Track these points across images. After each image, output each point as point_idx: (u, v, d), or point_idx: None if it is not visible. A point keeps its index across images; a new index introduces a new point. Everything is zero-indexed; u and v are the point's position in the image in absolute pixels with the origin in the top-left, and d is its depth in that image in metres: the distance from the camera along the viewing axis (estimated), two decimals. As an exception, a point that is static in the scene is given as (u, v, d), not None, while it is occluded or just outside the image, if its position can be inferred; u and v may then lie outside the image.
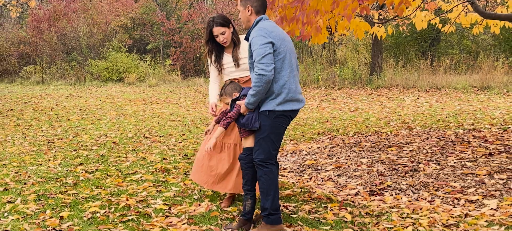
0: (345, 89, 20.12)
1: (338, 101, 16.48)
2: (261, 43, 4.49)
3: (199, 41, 27.68)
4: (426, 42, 26.31)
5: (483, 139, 8.63)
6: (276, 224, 4.72)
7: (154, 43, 29.43)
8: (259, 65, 4.44)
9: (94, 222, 5.20)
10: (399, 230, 4.69)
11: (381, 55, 22.66)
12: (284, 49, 4.61)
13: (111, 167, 7.69)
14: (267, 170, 4.70)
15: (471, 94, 16.86)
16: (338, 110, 14.03)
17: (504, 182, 6.00)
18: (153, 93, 20.33)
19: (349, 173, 6.85)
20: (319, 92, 19.69)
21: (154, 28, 29.84)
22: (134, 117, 13.34)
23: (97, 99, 18.25)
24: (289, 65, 4.62)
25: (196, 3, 30.62)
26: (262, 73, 4.43)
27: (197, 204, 5.69)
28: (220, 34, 5.30)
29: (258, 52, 4.47)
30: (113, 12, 30.66)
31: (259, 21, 4.73)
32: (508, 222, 4.77)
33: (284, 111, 4.63)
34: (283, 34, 4.72)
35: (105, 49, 28.18)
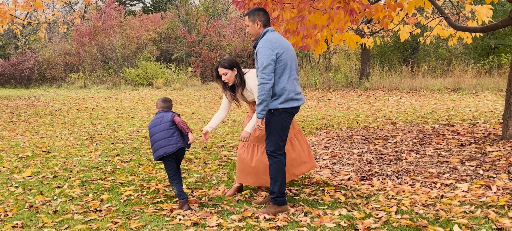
0: (339, 91, 20.05)
1: (333, 101, 16.43)
2: (266, 54, 4.49)
3: (215, 51, 27.67)
4: (407, 51, 26.21)
5: (456, 132, 8.58)
6: (282, 205, 4.74)
7: (178, 53, 29.44)
8: (261, 74, 4.46)
9: (129, 203, 5.22)
10: (385, 209, 4.68)
11: (369, 62, 22.58)
12: (286, 57, 4.60)
13: (142, 157, 7.71)
14: (276, 159, 4.71)
15: (445, 94, 16.76)
16: (333, 109, 13.99)
17: (474, 168, 5.97)
18: (177, 96, 20.34)
19: (343, 162, 6.84)
20: (317, 93, 19.64)
21: (178, 40, 29.84)
22: (162, 115, 13.36)
23: (131, 101, 18.28)
24: (288, 71, 4.62)
25: (213, 19, 30.61)
26: (263, 82, 4.44)
27: (215, 188, 5.69)
28: (222, 74, 5.11)
29: (262, 62, 4.48)
30: (144, 28, 30.73)
31: (266, 32, 4.71)
32: (478, 202, 4.75)
33: (286, 108, 4.64)
34: (286, 44, 4.69)
35: (137, 59, 28.22)
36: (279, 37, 4.70)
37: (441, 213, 4.49)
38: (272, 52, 4.49)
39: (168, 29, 30.44)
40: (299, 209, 4.79)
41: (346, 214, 4.62)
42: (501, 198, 4.80)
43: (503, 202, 4.69)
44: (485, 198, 4.86)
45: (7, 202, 5.36)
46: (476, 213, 4.46)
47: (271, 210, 4.71)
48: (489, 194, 4.99)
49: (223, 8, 35.79)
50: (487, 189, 5.16)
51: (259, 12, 4.78)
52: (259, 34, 4.79)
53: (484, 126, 9.23)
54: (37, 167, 7.09)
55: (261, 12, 4.78)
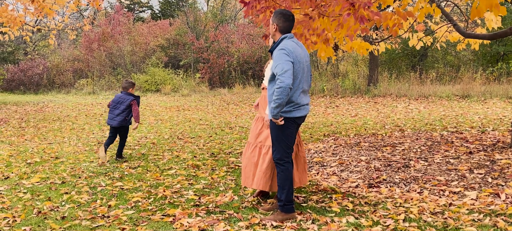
0: (347, 98, 20.01)
1: (341, 108, 16.40)
2: (284, 59, 4.48)
3: (223, 57, 27.73)
4: (415, 58, 26.15)
5: (464, 139, 8.54)
6: (290, 213, 4.73)
7: (186, 59, 29.52)
8: (281, 78, 4.43)
9: (136, 209, 5.22)
10: (393, 217, 4.65)
11: (377, 69, 22.54)
12: (297, 69, 4.59)
13: (150, 163, 7.72)
14: (283, 168, 4.71)
15: (454, 101, 16.68)
16: (340, 116, 13.96)
17: (483, 176, 5.93)
18: (185, 102, 20.38)
19: (351, 169, 6.81)
20: (325, 100, 19.60)
21: (186, 47, 29.93)
22: (170, 122, 13.38)
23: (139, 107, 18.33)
24: (298, 82, 4.62)
25: (221, 26, 30.69)
26: (282, 85, 4.41)
27: (222, 195, 5.69)
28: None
29: (281, 67, 4.46)
30: (152, 34, 30.86)
31: (283, 39, 4.70)
32: (486, 210, 4.72)
33: (290, 117, 4.63)
34: (301, 55, 4.67)
35: (145, 65, 28.33)
36: (296, 46, 4.67)
37: (450, 221, 4.46)
38: (289, 58, 4.49)
39: (177, 35, 30.55)
40: (307, 217, 4.78)
41: (354, 221, 4.60)
42: (510, 206, 4.77)
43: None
44: (494, 206, 4.83)
45: (15, 208, 5.38)
46: (484, 221, 4.43)
47: (278, 217, 4.70)
48: (498, 202, 4.96)
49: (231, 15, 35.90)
50: (496, 197, 5.13)
51: (280, 17, 4.74)
52: (275, 36, 4.79)
53: (493, 133, 9.18)
54: (45, 173, 7.11)
55: (282, 18, 4.73)
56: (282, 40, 4.69)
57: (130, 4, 40.55)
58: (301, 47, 4.76)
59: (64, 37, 35.51)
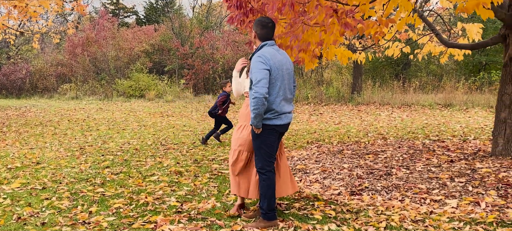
0: (331, 106, 20.09)
1: (325, 115, 16.46)
2: (260, 68, 4.48)
3: (208, 64, 27.71)
4: (399, 66, 26.38)
5: (446, 148, 8.61)
6: (272, 220, 4.72)
7: (171, 65, 29.45)
8: (255, 88, 4.44)
9: (118, 216, 5.18)
10: (375, 225, 4.67)
11: (361, 77, 22.69)
12: (276, 76, 4.57)
13: (133, 169, 7.67)
14: (265, 177, 4.70)
15: (436, 110, 16.83)
16: (324, 123, 14.01)
17: (463, 184, 5.98)
18: (169, 108, 20.31)
19: (333, 176, 6.83)
20: (309, 107, 19.66)
21: (171, 53, 29.87)
22: (153, 128, 13.33)
23: (122, 112, 18.23)
24: (278, 90, 4.60)
25: (206, 32, 30.69)
26: (256, 95, 4.42)
27: (205, 202, 5.67)
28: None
29: (256, 76, 4.46)
30: (136, 39, 30.77)
31: (262, 46, 4.70)
32: (467, 219, 4.76)
33: (270, 125, 4.63)
34: (281, 62, 4.65)
35: (129, 70, 28.20)
36: (275, 53, 4.66)
37: (430, 229, 4.49)
38: (265, 66, 4.48)
39: (161, 41, 30.48)
40: (289, 224, 4.77)
41: (336, 229, 4.61)
42: (490, 215, 4.81)
43: (491, 218, 4.70)
44: (474, 215, 4.87)
45: (-6, 213, 5.31)
46: (464, 229, 4.46)
47: (260, 225, 4.69)
48: (478, 210, 5.00)
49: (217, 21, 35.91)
50: (476, 206, 5.17)
51: (258, 23, 4.75)
52: (256, 44, 4.80)
53: (474, 142, 9.27)
54: (26, 178, 7.03)
55: (259, 25, 4.74)
56: (261, 48, 4.69)
57: (115, 9, 40.39)
58: (282, 54, 4.75)
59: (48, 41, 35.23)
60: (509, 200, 5.29)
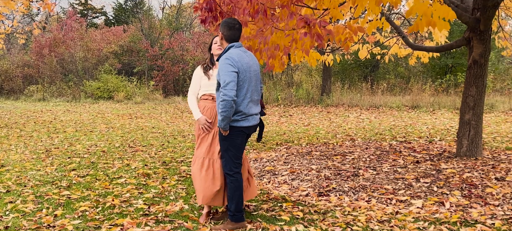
0: (300, 107, 20.19)
1: (294, 117, 16.53)
2: (227, 70, 4.46)
3: (178, 65, 27.58)
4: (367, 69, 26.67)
5: (412, 149, 8.74)
6: (239, 222, 4.72)
7: (140, 67, 29.21)
8: (223, 91, 4.42)
9: (84, 219, 5.11)
10: (341, 225, 4.71)
11: (330, 79, 22.88)
12: (243, 78, 4.57)
13: (100, 172, 7.57)
14: (233, 179, 4.69)
15: (403, 112, 17.07)
16: (294, 125, 14.07)
17: (428, 185, 6.08)
18: (138, 110, 20.14)
19: (301, 177, 6.86)
20: (279, 109, 19.72)
21: (140, 54, 29.63)
22: (121, 130, 13.19)
23: (90, 114, 18.00)
24: (245, 92, 4.59)
25: (176, 33, 30.53)
26: (225, 98, 4.40)
27: (172, 204, 5.63)
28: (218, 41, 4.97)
29: (224, 79, 4.45)
30: (105, 40, 30.43)
31: (229, 48, 4.69)
32: (431, 219, 4.84)
33: (237, 127, 4.63)
34: (249, 64, 4.65)
35: (97, 72, 27.87)
36: (243, 55, 4.64)
37: (396, 229, 4.55)
38: (233, 68, 4.48)
39: (130, 42, 30.21)
40: (257, 225, 4.78)
41: (303, 230, 4.64)
42: (454, 215, 4.90)
43: (455, 218, 4.79)
44: (438, 215, 4.95)
45: (-45, 218, 5.19)
46: (429, 229, 4.54)
47: (228, 227, 4.69)
48: (443, 210, 5.09)
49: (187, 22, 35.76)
50: (441, 206, 5.26)
51: (224, 25, 4.73)
52: (223, 46, 4.79)
53: (440, 143, 9.43)
54: (-11, 181, 6.88)
55: (226, 26, 4.72)
56: (228, 49, 4.68)
57: (83, 10, 39.86)
58: (249, 56, 4.75)
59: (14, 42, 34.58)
60: (472, 200, 5.40)
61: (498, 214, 4.90)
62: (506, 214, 4.91)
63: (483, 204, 5.24)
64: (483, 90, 7.58)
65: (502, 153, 8.26)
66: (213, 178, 4.88)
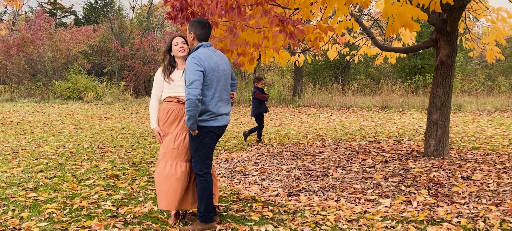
0: (272, 107, 20.24)
1: (266, 117, 16.55)
2: (193, 69, 4.45)
3: (149, 65, 27.40)
4: (338, 69, 26.89)
5: (381, 149, 8.84)
6: (209, 222, 4.71)
7: (110, 67, 28.93)
8: (188, 90, 4.41)
9: (50, 221, 5.03)
10: (311, 225, 4.74)
11: (301, 80, 22.99)
12: (212, 77, 4.56)
13: (67, 173, 7.46)
14: (202, 179, 4.67)
15: (373, 112, 17.26)
16: (265, 125, 14.08)
17: (396, 184, 6.15)
18: (108, 110, 19.92)
19: (272, 177, 6.88)
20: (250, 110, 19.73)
21: (110, 54, 29.34)
22: (91, 130, 13.03)
23: (59, 115, 17.73)
24: (213, 91, 4.58)
25: (147, 33, 30.30)
26: (189, 97, 4.39)
27: (141, 205, 5.58)
28: (180, 42, 4.89)
29: (189, 78, 4.44)
30: (75, 40, 30.07)
31: (198, 47, 4.67)
32: (399, 217, 4.90)
33: (206, 127, 4.61)
34: (217, 63, 4.64)
35: (67, 72, 27.49)
36: (211, 54, 4.63)
37: (364, 229, 4.59)
38: (199, 67, 4.46)
39: (100, 42, 29.89)
40: (226, 226, 4.77)
41: (273, 230, 4.65)
42: (421, 213, 4.97)
43: (422, 217, 4.86)
44: (406, 213, 5.02)
45: None
46: (397, 228, 4.59)
47: (197, 228, 4.67)
48: (410, 209, 5.16)
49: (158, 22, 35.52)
50: (408, 205, 5.33)
51: (196, 25, 4.71)
52: (193, 45, 4.76)
53: (408, 143, 9.56)
54: (-47, 184, 6.72)
55: (198, 25, 4.71)
56: (197, 49, 4.67)
57: (52, 9, 39.26)
58: (219, 55, 4.73)
59: (-20, 41, 33.88)
60: (439, 198, 5.49)
61: (464, 213, 4.99)
62: (471, 212, 5.00)
63: (450, 203, 5.33)
64: (450, 90, 7.72)
65: (469, 152, 8.42)
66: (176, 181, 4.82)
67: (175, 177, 4.79)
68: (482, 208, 5.11)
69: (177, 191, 4.80)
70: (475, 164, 7.12)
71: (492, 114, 16.25)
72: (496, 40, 9.63)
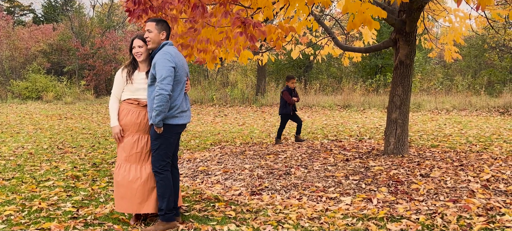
0: (235, 107, 20.25)
1: (229, 117, 16.56)
2: (165, 65, 4.47)
3: (110, 64, 27.03)
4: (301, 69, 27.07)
5: (343, 147, 8.95)
6: (171, 221, 4.69)
7: (70, 66, 28.43)
8: (160, 85, 4.42)
9: (8, 223, 4.92)
10: (273, 224, 4.77)
11: (264, 79, 23.07)
12: (181, 74, 4.61)
13: (26, 175, 7.30)
14: (162, 176, 4.66)
15: (335, 111, 17.45)
16: (229, 124, 14.10)
17: (357, 182, 6.25)
18: (68, 110, 19.57)
19: (234, 177, 6.89)
20: (214, 109, 19.70)
21: (70, 53, 28.83)
22: (50, 131, 12.78)
23: (17, 115, 17.33)
24: (181, 87, 4.64)
25: (108, 32, 29.89)
26: (161, 93, 4.40)
27: (102, 206, 5.52)
28: (137, 46, 4.84)
29: (161, 73, 4.44)
30: (33, 39, 29.42)
31: (164, 45, 4.71)
32: (359, 215, 4.98)
33: (171, 124, 4.61)
34: (182, 60, 4.73)
35: (25, 71, 26.88)
36: (177, 52, 4.72)
37: (325, 226, 4.65)
38: (171, 64, 4.49)
39: (60, 41, 29.34)
40: (189, 226, 4.76)
41: (235, 229, 4.66)
42: (381, 211, 5.06)
43: (382, 214, 4.95)
44: (366, 211, 5.10)
45: None
46: (357, 225, 4.67)
47: (159, 228, 4.64)
48: (370, 206, 5.25)
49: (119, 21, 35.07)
50: (369, 202, 5.42)
51: (166, 25, 4.81)
52: (160, 44, 4.75)
53: (369, 142, 9.71)
54: None
55: (168, 25, 4.83)
56: (163, 46, 4.69)
57: (10, 7, 38.30)
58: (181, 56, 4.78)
59: None
60: (398, 196, 5.60)
61: (422, 209, 5.10)
62: (430, 209, 5.12)
63: (409, 200, 5.44)
64: (409, 89, 7.87)
65: (428, 150, 8.61)
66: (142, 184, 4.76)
67: (141, 180, 4.75)
68: (440, 204, 5.24)
69: (144, 193, 4.76)
70: (434, 162, 7.28)
71: (450, 113, 16.66)
72: (454, 40, 9.87)
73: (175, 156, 4.95)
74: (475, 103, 17.88)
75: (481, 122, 13.78)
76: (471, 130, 11.80)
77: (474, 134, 10.98)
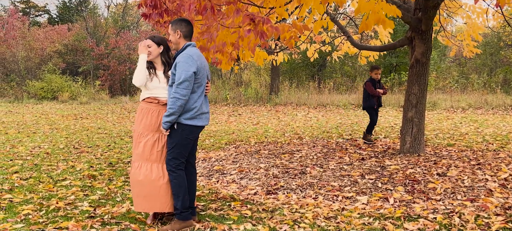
0: (249, 106, 20.26)
1: (243, 116, 16.57)
2: (186, 69, 4.46)
3: (124, 64, 27.17)
4: (315, 68, 27.01)
5: (358, 146, 8.92)
6: (187, 220, 4.70)
7: (85, 66, 28.62)
8: (177, 89, 4.41)
9: (27, 222, 4.97)
10: (289, 223, 4.76)
11: (278, 78, 23.06)
12: (202, 76, 4.60)
13: (43, 174, 7.37)
14: (176, 175, 4.67)
15: (350, 110, 17.39)
16: (243, 124, 14.11)
17: (373, 181, 6.22)
18: (83, 110, 19.71)
19: (250, 176, 6.89)
20: (228, 108, 19.73)
21: (85, 53, 29.02)
22: (66, 131, 12.88)
23: (33, 115, 17.49)
24: (202, 90, 4.64)
25: (122, 32, 30.06)
26: (177, 97, 4.40)
27: (119, 205, 5.55)
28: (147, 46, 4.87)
29: (179, 76, 4.44)
30: (49, 39, 29.66)
31: (187, 46, 4.69)
32: (376, 214, 4.96)
33: (190, 125, 4.62)
34: (204, 63, 4.71)
35: (41, 71, 27.11)
36: (200, 55, 4.70)
37: (342, 226, 4.63)
38: (192, 68, 4.47)
39: (75, 41, 29.55)
40: (205, 225, 4.77)
41: (251, 228, 4.66)
42: (398, 210, 5.04)
43: (399, 213, 4.93)
44: (383, 210, 5.08)
45: None
46: (374, 224, 4.65)
47: (176, 226, 4.66)
48: (387, 206, 5.22)
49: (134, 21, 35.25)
50: (385, 201, 5.39)
51: (181, 23, 4.75)
52: (179, 44, 4.75)
53: (385, 141, 9.66)
54: None
55: (183, 23, 4.75)
56: (186, 48, 4.67)
57: (25, 8, 38.66)
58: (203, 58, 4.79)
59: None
60: (415, 195, 5.57)
61: (439, 209, 5.07)
62: (447, 208, 5.08)
63: (426, 199, 5.41)
64: (425, 88, 7.82)
65: (444, 149, 8.55)
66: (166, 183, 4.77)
67: (164, 179, 4.76)
68: (457, 204, 5.20)
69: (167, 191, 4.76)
70: (450, 161, 7.23)
71: (466, 111, 16.53)
72: (471, 35, 9.78)
73: (193, 155, 4.96)
74: (491, 102, 17.73)
75: (497, 120, 13.65)
76: (488, 128, 11.70)
77: (491, 132, 10.88)
